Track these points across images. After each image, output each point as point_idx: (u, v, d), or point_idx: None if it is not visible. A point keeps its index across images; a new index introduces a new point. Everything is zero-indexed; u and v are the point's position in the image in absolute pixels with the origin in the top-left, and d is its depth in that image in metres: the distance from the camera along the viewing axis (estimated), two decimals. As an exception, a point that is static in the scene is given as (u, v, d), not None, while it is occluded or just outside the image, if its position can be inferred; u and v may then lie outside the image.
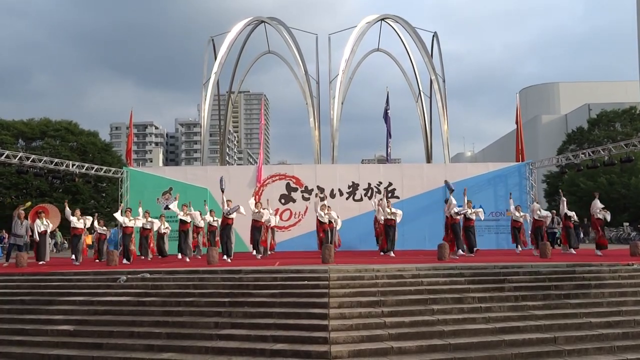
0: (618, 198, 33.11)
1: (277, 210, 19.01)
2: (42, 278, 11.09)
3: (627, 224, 29.58)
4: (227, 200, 14.55)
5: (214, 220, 15.69)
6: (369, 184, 19.96)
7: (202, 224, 16.22)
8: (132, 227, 15.18)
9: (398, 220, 15.16)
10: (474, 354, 7.29)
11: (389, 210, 14.98)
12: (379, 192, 19.82)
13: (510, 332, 7.98)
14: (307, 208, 19.50)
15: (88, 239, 22.53)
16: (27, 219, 15.69)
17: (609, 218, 14.85)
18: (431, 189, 19.67)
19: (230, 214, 14.34)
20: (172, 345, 7.72)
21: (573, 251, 15.50)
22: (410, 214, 17.88)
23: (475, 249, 15.05)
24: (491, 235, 18.80)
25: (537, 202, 16.89)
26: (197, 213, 15.92)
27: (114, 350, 7.79)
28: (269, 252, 15.93)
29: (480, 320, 8.34)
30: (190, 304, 8.99)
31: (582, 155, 20.05)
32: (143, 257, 15.81)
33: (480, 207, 16.21)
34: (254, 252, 14.88)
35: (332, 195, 19.77)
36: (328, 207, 15.71)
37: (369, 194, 19.84)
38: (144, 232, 16.06)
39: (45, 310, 9.31)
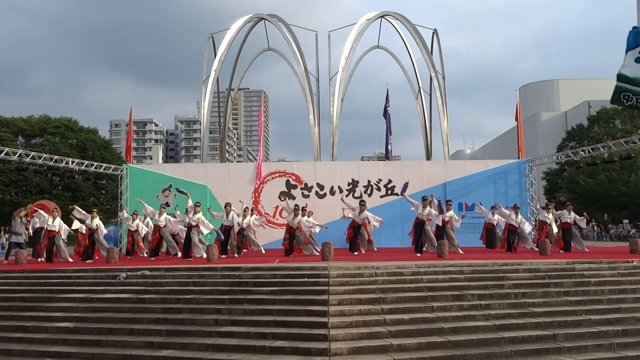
0: (618, 195, 33.14)
1: (276, 207, 19.04)
2: (41, 275, 11.09)
3: (627, 221, 29.61)
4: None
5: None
6: (369, 181, 19.95)
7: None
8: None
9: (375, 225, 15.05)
10: (474, 351, 7.29)
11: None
12: (378, 189, 19.83)
13: (509, 329, 7.98)
14: (307, 205, 19.48)
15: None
16: (27, 216, 15.71)
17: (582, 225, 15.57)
18: (431, 186, 19.63)
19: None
20: (171, 342, 7.72)
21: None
22: (410, 211, 17.84)
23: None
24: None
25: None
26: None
27: (113, 347, 7.79)
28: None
29: (480, 318, 8.35)
30: (190, 301, 8.99)
31: (582, 153, 20.03)
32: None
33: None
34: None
35: (332, 193, 19.78)
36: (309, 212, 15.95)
37: (368, 191, 19.83)
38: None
39: (45, 308, 9.33)
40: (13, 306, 9.52)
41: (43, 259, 14.53)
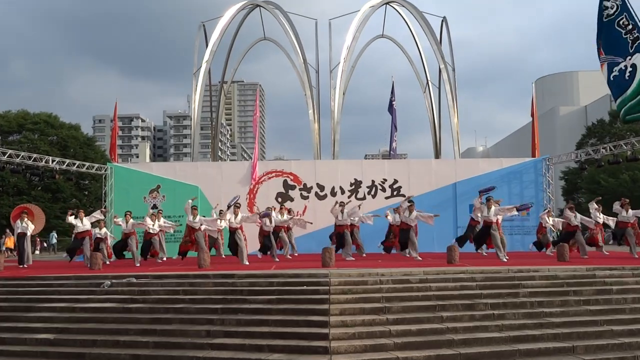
0: (642, 196, 33.15)
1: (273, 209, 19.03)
2: (20, 283, 11.10)
3: (652, 224, 29.61)
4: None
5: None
6: (373, 182, 19.97)
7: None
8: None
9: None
10: (486, 364, 7.31)
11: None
12: (383, 190, 19.85)
13: (525, 341, 7.99)
14: (305, 207, 19.53)
15: (10, 242, 22.54)
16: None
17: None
18: (440, 186, 19.69)
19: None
20: (160, 355, 7.73)
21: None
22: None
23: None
24: (511, 237, 18.79)
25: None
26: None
27: (97, 360, 7.81)
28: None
29: (493, 328, 8.36)
30: (180, 311, 9.00)
31: (603, 150, 20.07)
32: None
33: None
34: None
35: (333, 194, 19.79)
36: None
37: (372, 192, 19.85)
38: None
39: (24, 318, 9.32)
40: (-11, 316, 9.53)
41: (25, 265, 14.68)
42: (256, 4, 24.94)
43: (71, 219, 14.69)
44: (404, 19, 26.07)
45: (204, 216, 15.75)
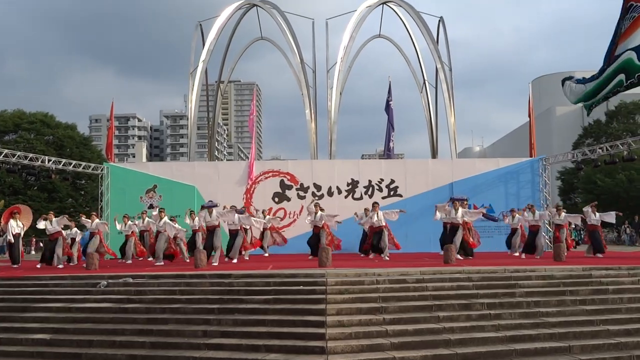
0: (638, 196, 33.26)
1: (270, 209, 19.02)
2: (15, 283, 11.08)
3: (648, 224, 29.72)
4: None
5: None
6: (370, 181, 19.98)
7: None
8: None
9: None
10: (483, 364, 7.32)
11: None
12: (380, 190, 19.86)
13: (521, 341, 8.01)
14: (302, 207, 19.51)
15: None
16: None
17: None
18: (437, 186, 19.70)
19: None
20: (156, 355, 7.72)
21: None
22: (414, 213, 17.91)
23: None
24: (501, 237, 18.80)
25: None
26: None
27: (93, 360, 7.80)
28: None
29: (490, 328, 8.38)
30: (176, 311, 9.00)
31: (600, 150, 20.09)
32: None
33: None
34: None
35: (330, 194, 19.79)
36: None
37: (369, 192, 19.86)
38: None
39: (20, 318, 9.31)
40: (-16, 317, 9.50)
41: (18, 266, 14.63)
42: (253, 3, 24.91)
43: (41, 224, 14.78)
44: (400, 19, 26.09)
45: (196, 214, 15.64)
